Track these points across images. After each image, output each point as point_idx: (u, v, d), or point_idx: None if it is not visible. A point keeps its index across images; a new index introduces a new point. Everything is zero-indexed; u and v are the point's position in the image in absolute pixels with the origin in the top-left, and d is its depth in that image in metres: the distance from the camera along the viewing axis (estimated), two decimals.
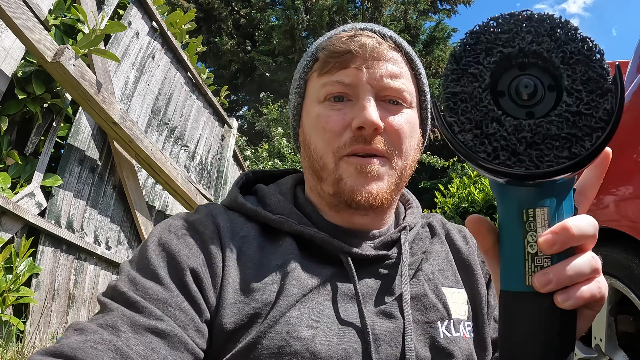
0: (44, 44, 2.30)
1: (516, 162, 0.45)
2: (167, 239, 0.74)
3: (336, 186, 0.79)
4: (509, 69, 0.48)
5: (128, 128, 3.00)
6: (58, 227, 2.75)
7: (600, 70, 0.46)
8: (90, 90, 2.59)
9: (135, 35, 3.45)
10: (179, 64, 4.11)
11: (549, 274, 0.46)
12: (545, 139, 0.45)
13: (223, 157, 5.07)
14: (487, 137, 0.46)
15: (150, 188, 3.79)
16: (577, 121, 0.45)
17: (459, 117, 0.47)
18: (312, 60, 0.86)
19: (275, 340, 0.67)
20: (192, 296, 0.68)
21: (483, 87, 0.47)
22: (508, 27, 0.48)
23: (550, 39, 0.47)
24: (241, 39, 11.32)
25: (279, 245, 0.78)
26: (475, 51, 0.48)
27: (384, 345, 0.71)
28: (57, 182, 2.71)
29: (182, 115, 4.20)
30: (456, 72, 0.48)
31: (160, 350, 0.61)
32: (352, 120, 0.77)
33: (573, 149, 0.44)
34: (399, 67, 0.82)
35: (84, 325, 0.61)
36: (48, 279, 2.68)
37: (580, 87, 0.45)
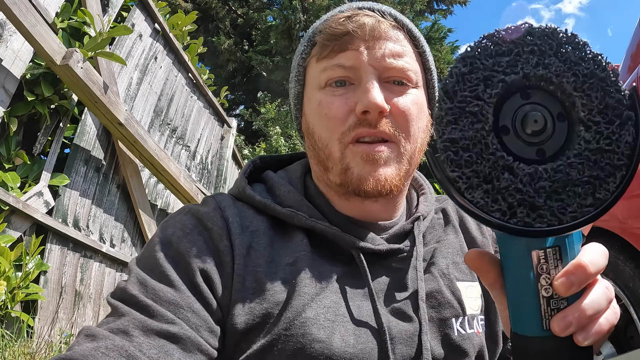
0: (53, 47, 2.37)
1: (536, 217, 0.39)
2: (175, 237, 0.71)
3: (343, 176, 0.75)
4: (509, 97, 0.41)
5: (133, 128, 3.07)
6: (65, 225, 2.81)
7: (618, 95, 0.40)
8: (97, 92, 2.65)
9: (138, 37, 3.51)
10: (180, 65, 4.18)
11: (568, 318, 0.42)
12: (567, 187, 0.39)
13: (223, 157, 5.13)
14: (500, 192, 0.39)
15: (152, 187, 3.86)
16: (598, 160, 0.39)
17: (463, 171, 0.40)
18: (309, 45, 0.81)
19: (291, 344, 0.65)
20: (204, 296, 0.67)
21: (487, 129, 0.40)
22: (507, 47, 0.41)
23: (558, 59, 0.41)
24: (238, 38, 11.38)
25: (289, 240, 0.75)
26: (471, 82, 0.41)
27: (400, 345, 0.69)
28: (64, 181, 2.78)
29: (183, 116, 4.27)
30: (452, 112, 0.40)
31: (174, 353, 0.60)
32: (356, 105, 0.73)
33: (597, 194, 0.39)
34: (402, 45, 0.77)
35: (96, 331, 0.60)
36: (55, 276, 2.75)
37: (598, 117, 0.40)
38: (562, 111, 0.41)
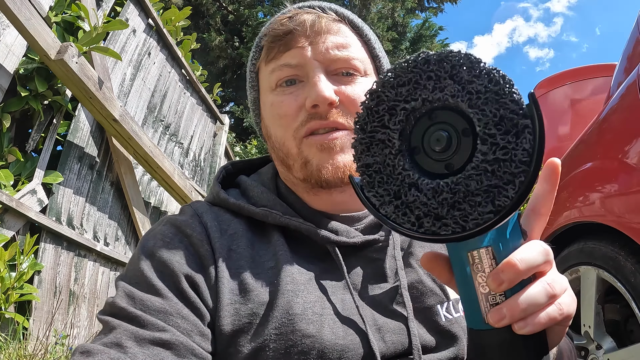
0: (48, 42, 2.33)
1: (441, 226, 0.43)
2: (157, 248, 0.72)
3: (304, 170, 0.77)
4: (419, 121, 0.45)
5: (127, 125, 3.04)
6: (59, 224, 2.78)
7: (512, 105, 0.41)
8: (92, 87, 2.62)
9: (132, 33, 3.48)
10: (173, 61, 4.14)
11: (502, 310, 0.45)
12: (466, 197, 0.42)
13: (215, 154, 5.11)
14: (408, 207, 0.44)
15: (146, 184, 3.83)
16: (495, 170, 0.41)
17: (376, 190, 0.46)
18: (257, 50, 0.84)
19: (282, 342, 0.66)
20: (191, 302, 0.67)
21: (394, 152, 0.45)
22: (406, 77, 0.45)
23: (453, 80, 0.43)
24: (229, 35, 11.31)
25: (268, 241, 0.77)
26: (378, 114, 0.46)
27: (389, 334, 0.70)
28: (58, 179, 2.74)
29: (176, 112, 4.24)
30: (364, 141, 0.46)
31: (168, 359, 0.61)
32: (305, 100, 0.75)
33: (496, 201, 0.41)
34: (344, 36, 0.79)
35: (90, 347, 0.60)
36: (50, 276, 2.72)
37: (493, 130, 0.42)
38: (467, 126, 0.44)
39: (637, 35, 2.00)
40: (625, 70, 1.93)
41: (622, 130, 1.66)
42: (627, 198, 1.53)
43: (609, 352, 1.61)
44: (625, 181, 1.56)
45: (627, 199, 1.53)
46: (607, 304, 1.72)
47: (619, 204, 1.57)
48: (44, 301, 2.63)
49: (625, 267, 1.50)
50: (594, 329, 1.67)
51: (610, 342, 1.63)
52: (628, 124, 1.62)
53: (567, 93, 3.05)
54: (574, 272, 1.79)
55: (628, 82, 1.69)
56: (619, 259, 1.53)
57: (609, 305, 1.73)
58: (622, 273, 1.51)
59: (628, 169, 1.53)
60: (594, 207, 1.70)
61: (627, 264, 1.49)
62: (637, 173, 1.47)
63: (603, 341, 1.65)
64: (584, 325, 1.73)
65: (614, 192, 1.62)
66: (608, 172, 1.67)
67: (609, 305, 1.73)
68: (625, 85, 1.71)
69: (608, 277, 1.59)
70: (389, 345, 0.69)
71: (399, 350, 0.70)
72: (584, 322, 1.73)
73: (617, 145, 1.65)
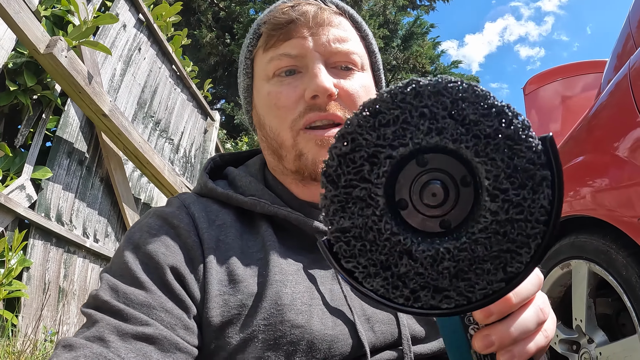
0: (37, 35, 2.30)
1: (442, 299, 0.36)
2: (142, 240, 0.71)
3: (297, 162, 0.76)
4: (405, 165, 0.37)
5: (117, 120, 3.01)
6: (48, 220, 2.75)
7: (529, 153, 0.34)
8: (81, 82, 2.59)
9: (122, 28, 3.45)
10: (164, 56, 4.12)
11: (490, 337, 0.42)
12: (472, 265, 0.35)
13: (206, 150, 5.08)
14: (401, 279, 0.36)
15: (136, 181, 3.80)
16: (508, 232, 0.35)
17: (358, 261, 0.36)
18: (255, 37, 0.83)
19: (271, 332, 0.65)
20: (176, 294, 0.66)
21: (379, 214, 0.36)
22: (391, 114, 0.35)
23: (454, 120, 0.35)
24: (220, 32, 11.25)
25: (256, 232, 0.76)
26: (354, 162, 0.36)
27: (378, 324, 0.70)
28: (47, 174, 2.71)
29: (166, 108, 4.21)
30: (338, 199, 0.36)
31: (152, 355, 0.59)
32: (304, 91, 0.75)
33: (509, 268, 0.35)
34: (345, 30, 0.79)
35: (72, 341, 0.59)
36: (39, 273, 2.69)
37: (506, 184, 0.34)
38: (467, 174, 0.36)
39: (627, 32, 2.02)
40: (615, 68, 1.94)
41: (612, 125, 1.67)
42: (618, 192, 1.54)
43: (601, 345, 1.61)
44: (616, 175, 1.57)
45: (618, 193, 1.54)
46: (599, 297, 1.73)
47: (610, 197, 1.59)
48: (33, 298, 2.61)
49: (617, 261, 1.51)
50: (585, 323, 1.68)
51: (602, 336, 1.64)
52: (618, 119, 1.63)
53: (558, 89, 3.06)
54: (565, 266, 1.80)
55: (617, 78, 1.70)
56: (610, 253, 1.54)
57: (601, 299, 1.74)
58: (614, 266, 1.52)
59: (619, 162, 1.54)
60: (585, 201, 1.71)
61: (618, 257, 1.50)
62: (628, 167, 1.48)
63: (595, 335, 1.65)
64: (575, 319, 1.74)
65: (605, 186, 1.63)
66: (599, 166, 1.68)
67: (601, 299, 1.74)
68: (614, 82, 1.72)
69: (599, 271, 1.60)
70: (379, 336, 0.69)
71: (389, 340, 0.70)
72: (576, 316, 1.73)
73: (607, 140, 1.66)
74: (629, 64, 1.63)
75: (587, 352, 1.68)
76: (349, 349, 0.67)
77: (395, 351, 0.70)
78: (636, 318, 1.41)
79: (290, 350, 0.65)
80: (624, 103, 1.57)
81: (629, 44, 1.95)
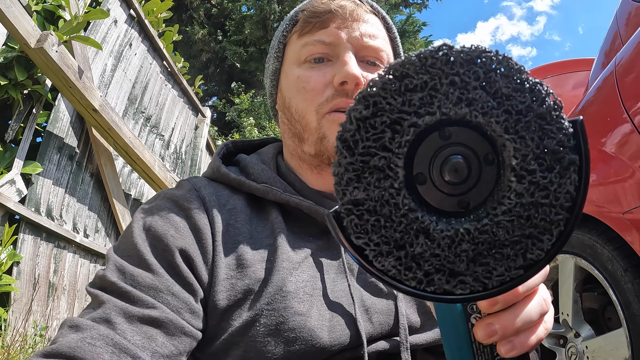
0: (28, 30, 2.29)
1: (457, 284, 0.34)
2: (152, 221, 0.71)
3: (319, 145, 0.79)
4: (426, 137, 0.34)
5: (107, 115, 3.00)
6: (38, 214, 2.74)
7: (560, 134, 0.33)
8: (72, 76, 2.58)
9: (113, 23, 3.43)
10: (155, 52, 4.10)
11: (493, 325, 0.41)
12: (492, 249, 0.33)
13: (197, 147, 5.07)
14: (415, 259, 0.34)
15: (126, 176, 3.79)
16: (532, 216, 0.33)
17: (370, 237, 0.33)
18: (291, 23, 0.86)
19: (273, 317, 0.66)
20: (183, 277, 0.67)
21: (397, 186, 0.33)
22: (420, 79, 0.33)
23: (485, 92, 0.33)
24: (212, 28, 11.21)
25: (266, 218, 0.77)
26: (375, 128, 0.33)
27: (377, 314, 0.71)
28: (37, 169, 2.70)
29: (157, 104, 4.20)
30: (353, 167, 0.33)
31: (158, 338, 0.60)
32: (334, 78, 0.77)
33: (529, 254, 0.33)
34: (377, 28, 0.83)
35: (79, 322, 0.59)
36: (29, 267, 2.67)
37: (534, 165, 0.33)
38: (491, 152, 0.34)
39: (615, 30, 2.04)
40: (602, 66, 1.96)
41: (598, 121, 1.70)
42: (604, 187, 1.56)
43: (587, 339, 1.63)
44: (602, 170, 1.59)
45: (604, 188, 1.56)
46: (585, 292, 1.75)
47: (597, 193, 1.61)
48: (23, 292, 2.59)
49: (603, 255, 1.53)
50: (572, 317, 1.70)
51: (588, 330, 1.66)
52: (604, 115, 1.66)
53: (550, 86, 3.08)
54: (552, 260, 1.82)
55: (604, 75, 1.72)
56: (596, 247, 1.56)
57: (587, 294, 1.77)
58: (600, 261, 1.54)
59: (605, 158, 1.56)
60: None
61: (604, 252, 1.52)
62: (614, 162, 1.51)
63: (581, 329, 1.67)
64: (562, 313, 1.76)
65: (592, 181, 1.65)
66: None
67: (587, 293, 1.77)
68: (601, 78, 1.74)
69: (586, 265, 1.62)
70: (376, 326, 0.70)
71: (386, 330, 0.71)
72: (562, 310, 1.76)
73: (593, 136, 1.68)
74: (615, 61, 1.65)
75: (573, 346, 1.70)
76: (347, 339, 0.68)
77: (391, 341, 0.71)
78: (622, 312, 1.43)
79: (290, 337, 0.66)
80: (610, 99, 1.60)
81: (616, 41, 1.98)
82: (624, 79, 1.54)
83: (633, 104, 1.44)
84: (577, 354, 1.67)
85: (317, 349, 0.66)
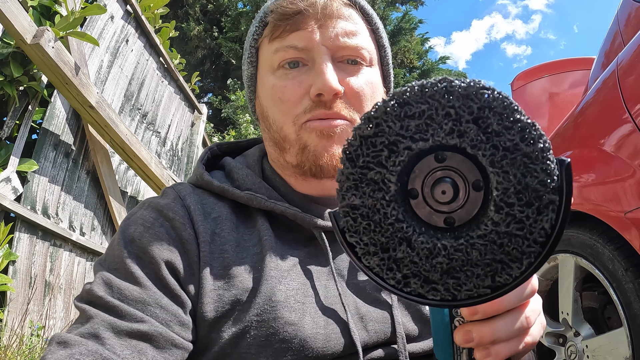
0: (24, 25, 2.27)
1: (430, 290, 0.38)
2: (137, 233, 0.69)
3: (300, 155, 0.75)
4: (422, 159, 0.38)
5: (104, 112, 2.98)
6: (34, 212, 2.72)
7: (543, 175, 0.35)
8: (68, 73, 2.56)
9: (110, 19, 3.40)
10: (151, 48, 4.08)
11: (471, 333, 0.44)
12: (465, 266, 0.37)
13: (193, 144, 5.05)
14: (396, 263, 0.38)
15: (122, 174, 3.77)
16: (505, 244, 0.36)
17: (361, 237, 0.39)
18: (261, 25, 0.80)
19: (264, 329, 0.64)
20: (171, 289, 0.65)
21: (388, 199, 0.38)
22: (418, 108, 0.36)
23: (477, 126, 0.35)
24: (208, 25, 11.16)
25: (252, 225, 0.75)
26: (375, 146, 0.37)
27: (372, 322, 0.69)
28: (33, 166, 2.68)
29: (154, 101, 4.17)
30: (353, 177, 0.38)
31: (148, 351, 0.59)
32: (310, 87, 0.73)
33: (497, 277, 0.36)
34: (354, 23, 0.77)
35: (67, 338, 0.58)
36: (25, 266, 2.66)
37: (513, 199, 0.35)
38: (480, 179, 0.37)
39: (615, 30, 2.04)
40: (603, 66, 1.96)
41: (599, 121, 1.69)
42: (605, 187, 1.56)
43: (587, 338, 1.63)
44: (603, 171, 1.59)
45: (605, 188, 1.56)
46: (585, 291, 1.75)
47: (597, 192, 1.61)
48: (19, 292, 2.58)
49: (603, 254, 1.53)
50: (572, 316, 1.70)
51: (588, 329, 1.66)
52: (605, 115, 1.66)
53: (546, 86, 3.09)
54: (552, 259, 1.82)
55: (604, 76, 1.72)
56: (597, 247, 1.56)
57: (587, 293, 1.77)
58: (600, 260, 1.54)
59: (606, 158, 1.56)
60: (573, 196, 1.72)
61: (604, 251, 1.52)
62: (616, 163, 1.51)
63: (581, 328, 1.67)
64: (562, 312, 1.76)
65: (592, 181, 1.65)
66: (585, 161, 1.70)
67: (587, 292, 1.77)
68: (601, 79, 1.74)
69: (586, 265, 1.62)
70: (372, 335, 0.69)
71: (382, 339, 0.69)
72: (562, 309, 1.76)
73: (594, 135, 1.68)
74: (617, 61, 1.65)
75: (573, 345, 1.70)
76: (341, 347, 0.66)
77: (388, 349, 0.70)
78: (622, 311, 1.43)
79: (282, 348, 0.64)
80: (612, 99, 1.60)
81: (617, 41, 1.97)
82: (626, 79, 1.53)
83: (635, 104, 1.44)
84: (576, 353, 1.67)
85: (310, 359, 0.65)
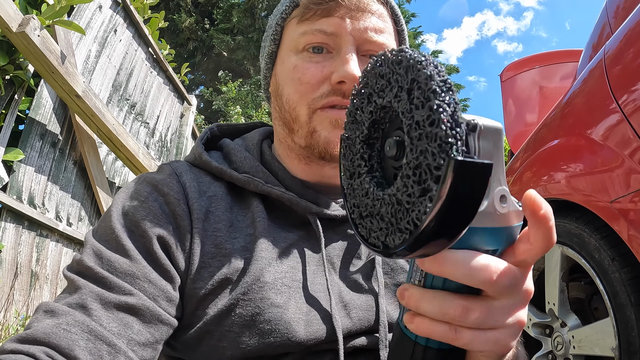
0: (9, 14, 2.23)
1: (361, 223, 0.43)
2: (131, 206, 0.69)
3: (309, 138, 0.76)
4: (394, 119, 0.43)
5: (91, 101, 2.95)
6: (20, 202, 2.68)
7: (433, 159, 0.34)
8: (54, 62, 2.52)
9: (98, 9, 3.36)
10: (140, 39, 4.03)
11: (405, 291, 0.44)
12: (375, 215, 0.41)
13: (182, 135, 5.02)
14: (353, 190, 0.45)
15: (110, 164, 3.73)
16: (397, 211, 0.38)
17: (343, 161, 0.47)
18: (291, 5, 0.80)
19: (249, 308, 0.65)
20: (160, 264, 0.65)
21: (360, 138, 0.45)
22: (386, 70, 0.41)
23: (408, 95, 0.37)
24: (199, 16, 11.07)
25: (247, 207, 0.76)
26: (361, 95, 0.45)
27: (355, 310, 0.70)
28: (19, 156, 2.64)
29: (142, 91, 4.13)
30: (351, 114, 0.47)
31: (134, 325, 0.60)
32: (331, 74, 0.74)
33: (387, 238, 0.39)
34: (384, 21, 0.78)
35: (55, 307, 0.58)
36: (10, 256, 2.63)
37: (410, 172, 0.36)
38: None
39: (604, 20, 2.04)
40: (590, 58, 1.96)
41: (587, 111, 1.69)
42: (592, 176, 1.56)
43: (574, 329, 1.64)
44: (591, 160, 1.59)
45: (592, 177, 1.56)
46: (572, 281, 1.76)
47: (584, 182, 1.60)
48: (5, 281, 2.55)
49: (590, 244, 1.53)
50: (558, 307, 1.70)
51: (574, 320, 1.66)
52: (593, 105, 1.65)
53: (535, 77, 3.09)
54: None
55: (592, 64, 1.72)
56: (583, 236, 1.56)
57: (574, 283, 1.77)
58: (587, 250, 1.54)
59: (594, 147, 1.56)
60: (560, 185, 1.72)
61: (591, 241, 1.52)
62: (603, 152, 1.50)
63: (567, 319, 1.68)
64: (548, 302, 1.76)
65: (579, 171, 1.65)
66: (573, 151, 1.70)
67: (574, 282, 1.77)
68: (588, 69, 1.74)
69: (572, 254, 1.62)
70: (355, 322, 0.69)
71: (365, 326, 0.70)
72: (549, 299, 1.76)
73: (582, 125, 1.68)
74: (604, 50, 1.65)
75: (559, 335, 1.71)
76: (324, 334, 0.67)
77: (372, 337, 0.71)
78: (608, 301, 1.43)
79: (265, 329, 0.65)
80: (599, 88, 1.59)
81: (605, 32, 1.97)
82: (613, 68, 1.53)
83: (622, 93, 1.44)
84: (563, 344, 1.68)
85: (293, 343, 0.65)
